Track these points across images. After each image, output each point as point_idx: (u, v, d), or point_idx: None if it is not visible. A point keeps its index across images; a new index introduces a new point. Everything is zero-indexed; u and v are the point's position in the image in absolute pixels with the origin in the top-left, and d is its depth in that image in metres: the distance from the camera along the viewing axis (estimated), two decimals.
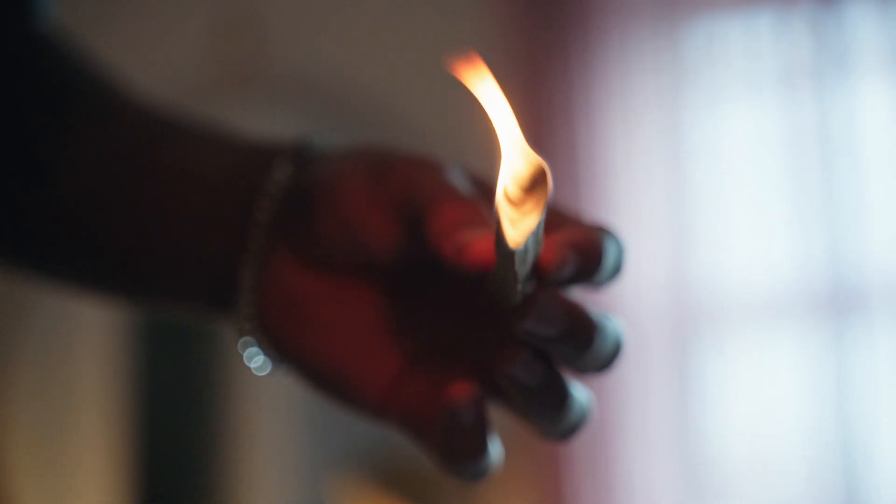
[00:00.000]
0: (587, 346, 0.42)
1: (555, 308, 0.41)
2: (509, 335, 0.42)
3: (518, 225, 0.39)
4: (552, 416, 0.44)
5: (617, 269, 0.45)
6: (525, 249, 0.39)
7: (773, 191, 2.13)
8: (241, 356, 0.50)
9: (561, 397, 0.43)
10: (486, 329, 0.47)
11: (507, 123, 0.41)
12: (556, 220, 0.46)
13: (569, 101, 2.23)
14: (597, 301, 0.45)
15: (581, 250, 0.43)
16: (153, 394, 2.22)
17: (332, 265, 0.48)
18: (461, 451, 0.44)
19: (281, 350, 0.49)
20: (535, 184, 0.40)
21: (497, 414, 0.45)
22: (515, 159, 0.41)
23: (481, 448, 0.44)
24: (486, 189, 0.48)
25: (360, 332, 0.48)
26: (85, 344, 2.21)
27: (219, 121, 0.55)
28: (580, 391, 0.45)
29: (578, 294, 0.45)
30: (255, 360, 0.50)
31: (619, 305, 2.17)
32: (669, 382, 2.16)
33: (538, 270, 0.41)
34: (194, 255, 0.52)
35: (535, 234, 0.39)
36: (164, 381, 2.25)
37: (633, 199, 2.19)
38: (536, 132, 2.24)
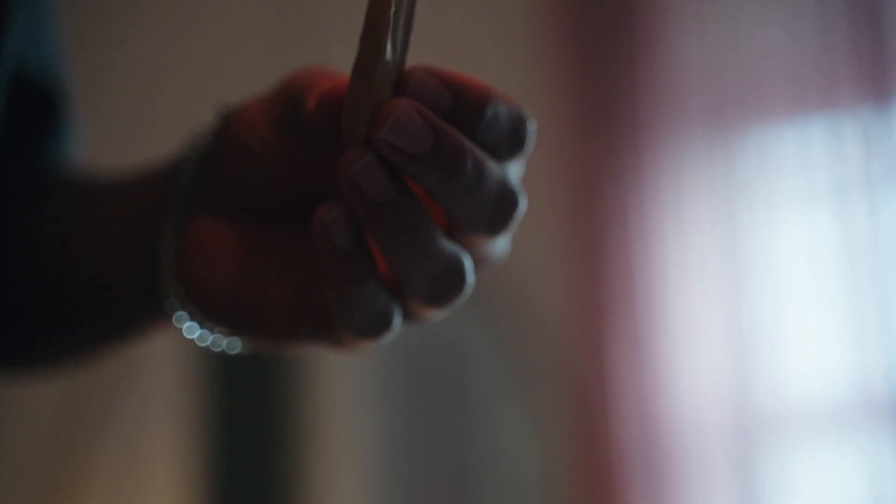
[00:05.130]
0: (458, 172, 0.39)
1: (417, 118, 0.38)
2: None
3: None
4: (402, 242, 0.40)
5: (514, 137, 0.42)
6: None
7: (829, 300, 2.13)
8: (180, 330, 0.51)
9: (412, 220, 0.40)
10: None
11: None
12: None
13: (623, 213, 2.24)
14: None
15: (456, 86, 0.40)
16: (226, 422, 2.25)
17: (243, 208, 0.49)
18: (344, 277, 0.41)
19: (199, 303, 0.49)
20: None
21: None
22: None
23: (363, 271, 0.41)
24: None
25: (264, 265, 0.48)
26: (157, 370, 2.25)
27: None
28: (451, 245, 0.42)
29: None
30: (193, 331, 0.50)
31: (677, 416, 2.16)
32: (731, 494, 2.13)
33: (397, 86, 0.39)
34: (127, 243, 0.53)
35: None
36: (237, 409, 2.26)
37: (690, 310, 2.20)
38: (591, 247, 2.26)
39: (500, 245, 0.46)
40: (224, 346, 0.51)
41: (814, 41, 2.16)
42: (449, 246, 0.42)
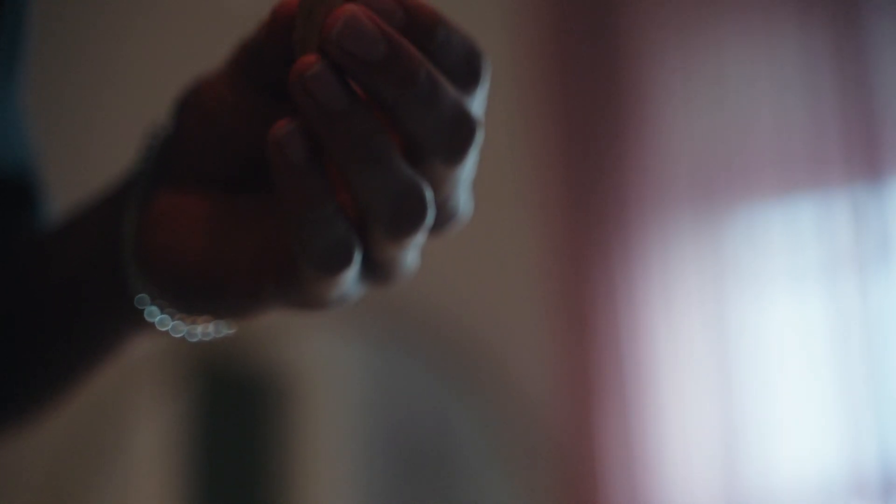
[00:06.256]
0: (412, 82, 0.39)
1: (367, 21, 0.39)
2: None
3: None
4: (358, 154, 0.40)
5: (469, 66, 0.42)
6: None
7: (819, 380, 2.11)
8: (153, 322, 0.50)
9: (368, 131, 0.40)
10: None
11: None
12: None
13: (611, 292, 2.23)
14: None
15: (407, 4, 0.40)
16: (211, 456, 2.24)
17: (205, 178, 0.48)
18: (300, 196, 0.41)
19: (158, 274, 0.48)
20: None
21: None
22: None
23: (320, 191, 0.41)
24: None
25: (225, 228, 0.47)
26: (142, 427, 2.24)
27: None
28: (411, 170, 0.41)
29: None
30: (154, 315, 0.49)
31: (666, 495, 2.14)
32: None
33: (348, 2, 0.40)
34: (92, 237, 0.52)
35: None
36: (222, 444, 2.26)
37: (679, 390, 2.18)
38: (578, 324, 2.25)
39: (462, 195, 0.45)
40: (185, 333, 0.50)
41: (802, 118, 2.16)
42: (408, 169, 0.41)
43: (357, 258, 0.43)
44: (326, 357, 2.27)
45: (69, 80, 2.37)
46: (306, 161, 0.40)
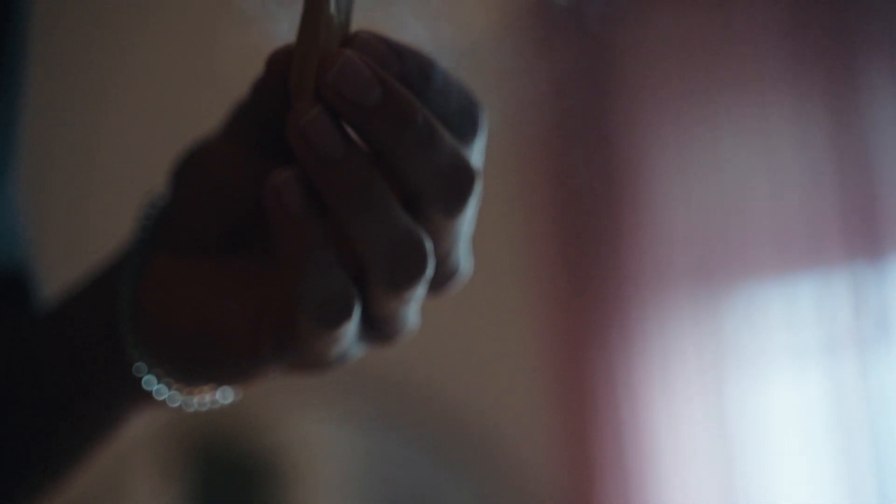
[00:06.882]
0: (409, 125, 0.39)
1: (362, 65, 0.39)
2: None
3: None
4: (356, 201, 0.39)
5: (466, 116, 0.42)
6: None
7: (820, 459, 2.10)
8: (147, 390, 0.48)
9: (365, 178, 0.39)
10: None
11: None
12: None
13: (610, 372, 2.23)
14: None
15: (401, 51, 0.40)
16: None
17: (201, 241, 0.47)
18: (297, 244, 0.40)
19: (155, 342, 0.47)
20: None
21: None
22: None
23: (318, 239, 0.40)
24: None
25: (221, 289, 0.46)
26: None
27: None
28: (410, 219, 0.41)
29: None
30: (151, 384, 0.48)
31: None
32: None
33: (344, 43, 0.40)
34: (89, 311, 0.51)
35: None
36: None
37: (680, 470, 2.16)
38: (578, 406, 2.24)
39: (462, 251, 0.44)
40: (181, 403, 0.49)
41: (800, 196, 2.16)
42: (407, 218, 0.41)
43: (356, 311, 0.42)
44: (323, 437, 2.26)
45: (60, 155, 2.38)
46: (303, 209, 0.40)
